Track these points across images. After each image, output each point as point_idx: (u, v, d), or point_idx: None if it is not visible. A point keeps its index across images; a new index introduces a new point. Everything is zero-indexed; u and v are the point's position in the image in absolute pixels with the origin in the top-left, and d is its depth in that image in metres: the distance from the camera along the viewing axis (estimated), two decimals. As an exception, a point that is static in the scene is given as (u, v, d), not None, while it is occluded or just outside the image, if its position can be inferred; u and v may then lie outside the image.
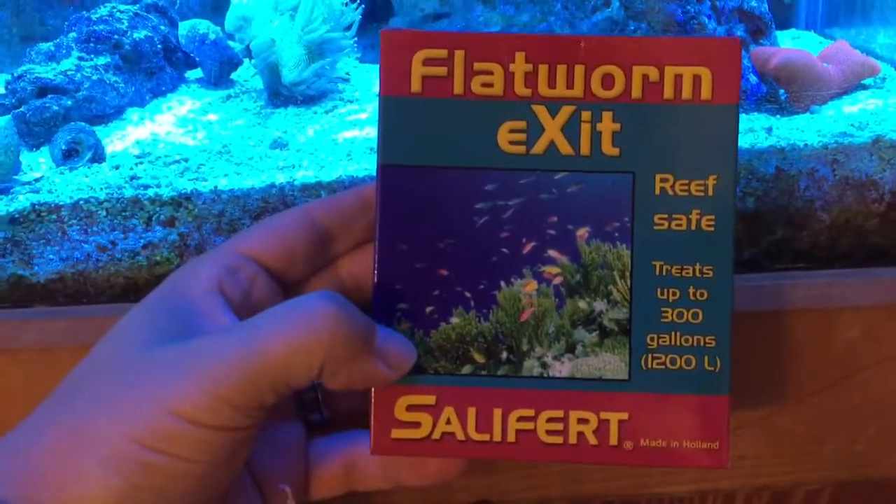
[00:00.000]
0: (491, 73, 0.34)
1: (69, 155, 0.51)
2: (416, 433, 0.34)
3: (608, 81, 0.34)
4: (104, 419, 0.30)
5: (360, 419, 0.35)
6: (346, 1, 0.63)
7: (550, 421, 0.34)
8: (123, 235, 0.45)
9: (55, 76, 0.58)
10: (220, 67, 0.67)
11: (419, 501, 0.43)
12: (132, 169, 0.49)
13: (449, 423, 0.34)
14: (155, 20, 0.65)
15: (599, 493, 0.44)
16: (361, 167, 0.47)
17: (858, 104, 0.54)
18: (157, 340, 0.31)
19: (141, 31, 0.63)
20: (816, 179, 0.46)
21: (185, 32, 0.67)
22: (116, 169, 0.50)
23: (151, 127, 0.58)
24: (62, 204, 0.45)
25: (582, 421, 0.34)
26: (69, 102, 0.57)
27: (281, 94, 0.61)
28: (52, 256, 0.44)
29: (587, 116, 0.34)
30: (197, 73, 0.69)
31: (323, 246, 0.36)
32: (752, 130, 0.49)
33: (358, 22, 0.63)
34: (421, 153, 0.34)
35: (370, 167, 0.47)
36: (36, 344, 0.41)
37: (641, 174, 0.34)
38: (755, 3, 0.58)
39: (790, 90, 0.55)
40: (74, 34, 0.62)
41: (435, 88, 0.34)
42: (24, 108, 0.56)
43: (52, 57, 0.61)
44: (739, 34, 0.58)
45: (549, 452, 0.34)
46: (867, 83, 0.58)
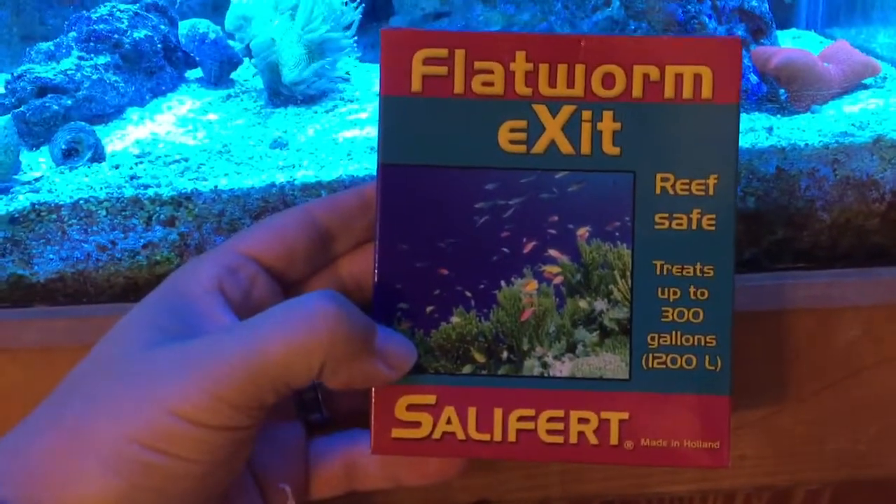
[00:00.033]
0: (491, 72, 0.34)
1: (69, 154, 0.51)
2: (416, 433, 0.34)
3: (609, 81, 0.34)
4: (104, 419, 0.30)
5: (360, 419, 0.35)
6: (346, 0, 0.63)
7: (551, 421, 0.34)
8: (123, 235, 0.45)
9: (55, 76, 0.58)
10: (220, 67, 0.66)
11: (419, 501, 0.43)
12: (132, 168, 0.49)
13: (449, 422, 0.34)
14: (155, 19, 0.65)
15: (599, 492, 0.44)
16: (362, 167, 0.47)
17: (859, 104, 0.54)
18: (157, 340, 0.31)
19: (141, 30, 0.63)
20: (817, 179, 0.46)
21: (185, 32, 0.67)
22: (116, 168, 0.50)
23: (151, 126, 0.58)
24: (62, 203, 0.45)
25: (582, 420, 0.34)
26: (69, 102, 0.57)
27: (281, 93, 0.61)
28: (52, 256, 0.44)
29: (588, 116, 0.34)
30: (197, 72, 0.69)
31: (323, 245, 0.36)
32: (752, 130, 0.49)
33: (358, 21, 0.63)
34: (421, 152, 0.34)
35: (370, 167, 0.47)
36: (36, 344, 0.41)
37: (642, 173, 0.34)
38: (756, 2, 0.58)
39: (791, 90, 0.54)
40: (74, 33, 0.62)
41: (435, 88, 0.34)
42: (23, 107, 0.56)
43: (52, 56, 0.61)
44: (740, 34, 0.58)
45: (549, 452, 0.34)
46: (868, 83, 0.58)
